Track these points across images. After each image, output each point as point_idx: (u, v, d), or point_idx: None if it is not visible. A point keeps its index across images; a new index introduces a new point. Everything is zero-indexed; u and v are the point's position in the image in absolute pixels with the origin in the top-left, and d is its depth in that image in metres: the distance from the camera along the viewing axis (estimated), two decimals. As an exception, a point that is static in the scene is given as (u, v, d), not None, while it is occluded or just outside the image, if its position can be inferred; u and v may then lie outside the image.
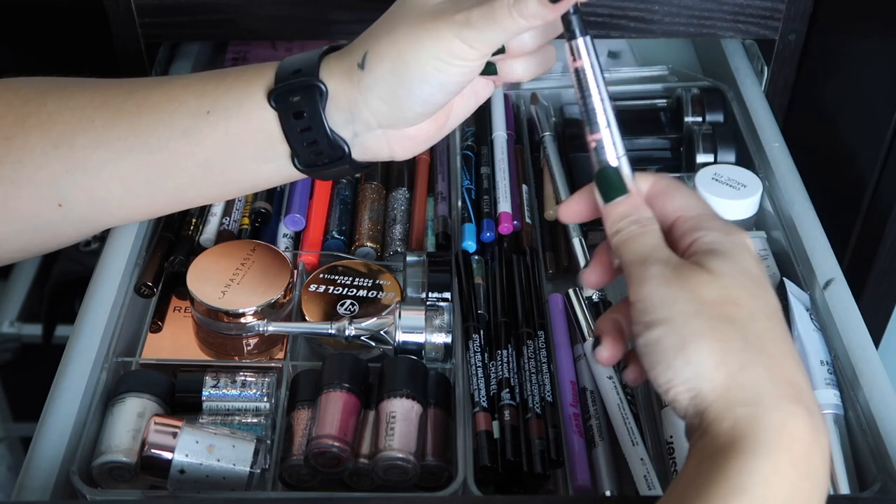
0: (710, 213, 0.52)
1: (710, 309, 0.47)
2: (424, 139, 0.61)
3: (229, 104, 0.59)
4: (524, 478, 0.64)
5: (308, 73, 0.58)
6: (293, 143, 0.59)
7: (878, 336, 0.89)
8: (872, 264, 0.84)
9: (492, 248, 0.79)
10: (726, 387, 0.46)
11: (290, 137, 0.59)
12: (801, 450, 0.44)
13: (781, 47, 0.91)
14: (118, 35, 0.90)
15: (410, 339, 0.69)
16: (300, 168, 0.60)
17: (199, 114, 0.59)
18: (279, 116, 0.58)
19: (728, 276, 0.48)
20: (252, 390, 0.67)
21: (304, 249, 0.79)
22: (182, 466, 0.61)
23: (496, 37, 0.55)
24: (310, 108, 0.58)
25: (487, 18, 0.54)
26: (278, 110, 0.58)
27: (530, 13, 0.53)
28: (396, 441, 0.62)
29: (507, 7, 0.53)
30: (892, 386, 0.64)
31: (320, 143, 0.59)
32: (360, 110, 0.58)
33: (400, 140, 0.60)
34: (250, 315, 0.70)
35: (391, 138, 0.60)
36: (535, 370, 0.69)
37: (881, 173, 0.81)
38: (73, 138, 0.60)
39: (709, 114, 0.89)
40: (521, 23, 0.53)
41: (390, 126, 0.59)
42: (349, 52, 0.59)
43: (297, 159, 0.60)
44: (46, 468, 0.60)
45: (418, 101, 0.57)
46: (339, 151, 0.59)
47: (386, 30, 0.57)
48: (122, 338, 0.70)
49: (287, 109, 0.58)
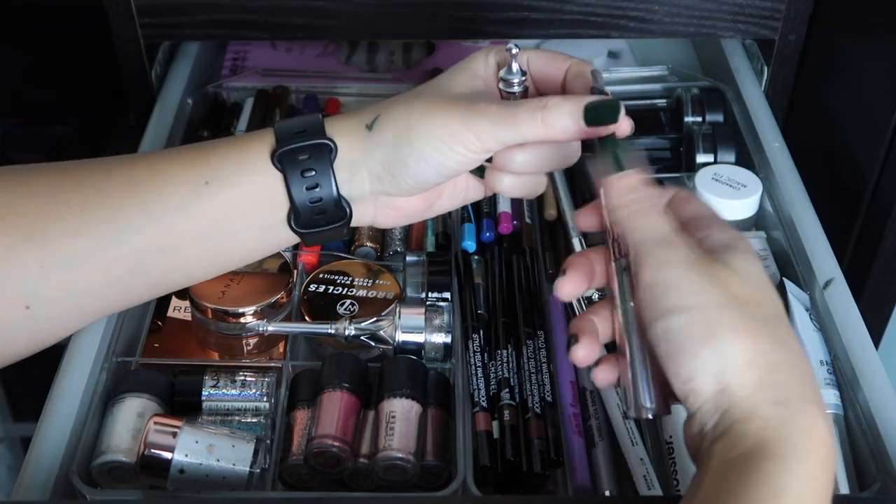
0: (717, 217, 0.52)
1: (740, 305, 0.46)
2: (410, 213, 0.61)
3: (229, 171, 0.56)
4: (524, 478, 0.64)
5: (314, 133, 0.57)
6: (297, 203, 0.57)
7: (878, 336, 0.89)
8: (872, 264, 0.84)
9: (492, 248, 0.79)
10: (758, 386, 0.45)
11: (294, 197, 0.56)
12: (825, 452, 0.44)
13: (781, 47, 0.91)
14: (118, 35, 0.90)
15: (410, 339, 0.69)
16: (297, 230, 0.58)
17: (197, 186, 0.56)
18: (285, 177, 0.56)
19: (751, 275, 0.48)
20: (252, 390, 0.67)
21: (303, 249, 0.79)
22: (182, 466, 0.61)
23: (507, 135, 0.54)
24: (318, 166, 0.56)
25: (506, 115, 0.54)
26: (284, 170, 0.56)
27: (556, 125, 0.53)
28: (396, 441, 0.62)
29: (532, 109, 0.53)
30: (892, 386, 0.64)
31: (325, 201, 0.57)
32: (360, 170, 0.57)
33: (387, 209, 0.59)
34: (250, 315, 0.70)
35: (379, 205, 0.59)
36: (534, 370, 0.69)
37: (881, 173, 0.81)
38: (46, 228, 0.54)
39: (709, 114, 0.89)
40: (539, 130, 0.53)
41: (382, 192, 0.58)
42: (358, 113, 0.58)
43: (295, 220, 0.57)
44: (46, 468, 0.60)
45: (411, 175, 0.56)
46: (341, 213, 0.58)
47: (404, 100, 0.57)
48: (121, 338, 0.70)
49: (294, 168, 0.56)
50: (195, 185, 0.56)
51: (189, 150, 0.58)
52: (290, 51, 1.03)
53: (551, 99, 0.54)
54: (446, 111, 0.55)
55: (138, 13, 0.88)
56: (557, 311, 0.74)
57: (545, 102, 0.54)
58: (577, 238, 0.79)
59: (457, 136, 0.54)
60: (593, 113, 0.53)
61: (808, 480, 0.43)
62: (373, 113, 0.57)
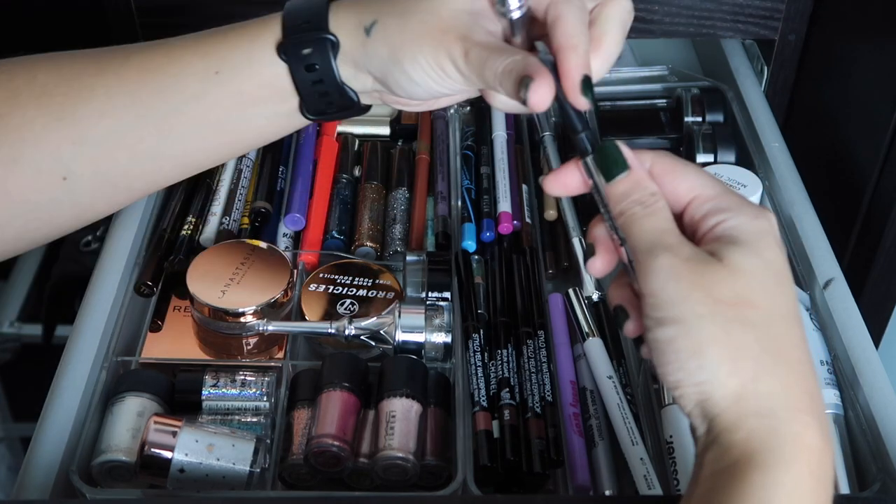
0: (727, 191, 0.49)
1: (725, 310, 0.45)
2: (416, 106, 0.60)
3: (238, 62, 0.58)
4: (524, 477, 0.64)
5: (318, 25, 0.57)
6: (304, 95, 0.58)
7: (878, 336, 0.89)
8: (872, 264, 0.84)
9: (492, 248, 0.79)
10: (739, 396, 0.44)
11: (301, 89, 0.58)
12: (817, 460, 0.44)
13: (781, 47, 0.91)
14: (118, 35, 0.90)
15: (410, 339, 0.69)
16: (310, 117, 0.59)
17: (208, 75, 0.58)
18: (290, 69, 0.57)
19: (746, 273, 0.46)
20: (252, 390, 0.67)
21: (304, 249, 0.79)
22: (182, 465, 0.61)
23: (483, 84, 0.54)
24: (322, 61, 0.57)
25: (479, 64, 0.53)
26: (289, 63, 0.57)
27: (507, 90, 0.52)
28: (396, 440, 0.62)
29: (496, 71, 0.52)
30: (892, 386, 0.64)
31: (332, 94, 0.58)
32: (361, 70, 0.57)
33: (393, 102, 0.60)
34: (250, 314, 0.70)
35: (385, 98, 0.59)
36: (534, 370, 0.69)
37: (881, 173, 0.81)
38: (75, 109, 0.58)
39: (709, 114, 0.89)
40: (498, 92, 0.53)
41: (385, 91, 0.58)
42: (360, 8, 0.57)
43: (306, 109, 0.59)
44: (46, 467, 0.60)
45: (404, 91, 0.56)
46: (348, 101, 0.59)
47: (401, 11, 0.56)
48: (121, 337, 0.70)
49: (299, 62, 0.57)
50: (206, 75, 0.58)
51: (205, 37, 0.60)
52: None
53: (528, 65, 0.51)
54: (437, 42, 0.54)
55: (138, 13, 0.88)
56: (557, 311, 0.74)
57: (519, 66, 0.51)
58: (577, 238, 0.79)
59: (444, 70, 0.54)
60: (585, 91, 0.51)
61: (795, 490, 0.43)
62: (372, 13, 0.57)
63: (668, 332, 0.45)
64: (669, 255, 0.46)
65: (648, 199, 0.49)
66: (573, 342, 0.72)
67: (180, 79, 0.58)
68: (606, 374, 0.68)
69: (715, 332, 0.45)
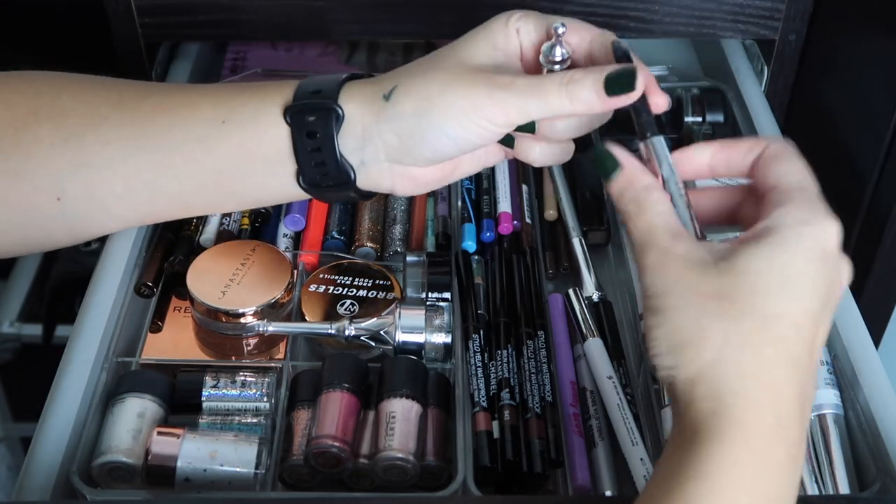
0: (804, 188, 0.51)
1: (701, 303, 0.47)
2: (427, 182, 0.61)
3: (245, 116, 0.59)
4: (524, 478, 0.64)
5: (327, 96, 0.58)
6: (301, 162, 0.59)
7: (878, 336, 0.89)
8: (872, 264, 0.84)
9: (492, 248, 0.79)
10: (694, 382, 0.47)
11: (299, 155, 0.59)
12: (762, 444, 0.46)
13: (781, 47, 0.91)
14: (118, 35, 0.90)
15: (410, 339, 0.69)
16: (304, 187, 0.61)
17: (215, 122, 0.59)
18: (292, 133, 0.59)
19: (738, 272, 0.47)
20: (252, 390, 0.67)
21: (304, 249, 0.79)
22: (187, 475, 0.61)
23: (534, 109, 0.55)
24: (323, 130, 0.58)
25: (533, 88, 0.54)
26: (292, 127, 0.59)
27: (581, 98, 0.53)
28: (396, 441, 0.62)
29: (558, 84, 0.53)
30: (892, 386, 0.64)
31: (328, 165, 0.59)
32: (373, 139, 0.58)
33: (403, 178, 0.60)
34: (250, 315, 0.70)
35: (395, 173, 0.60)
36: (534, 370, 0.69)
37: (881, 173, 0.81)
38: (84, 134, 0.60)
39: (709, 114, 0.89)
40: (565, 104, 0.54)
41: (397, 162, 0.59)
42: (377, 82, 0.59)
43: (302, 178, 0.60)
44: (46, 468, 0.60)
45: (429, 148, 0.57)
46: (344, 176, 0.60)
47: (422, 70, 0.57)
48: (122, 338, 0.70)
49: (301, 127, 0.58)
50: (213, 122, 0.59)
51: (223, 88, 0.62)
52: (290, 51, 1.03)
53: (575, 72, 0.54)
54: (470, 84, 0.55)
55: (138, 13, 0.88)
56: (557, 312, 0.74)
57: (570, 76, 0.54)
58: (577, 238, 0.79)
59: (481, 110, 0.55)
60: (612, 83, 0.53)
61: (732, 467, 0.45)
62: (391, 82, 0.58)
63: (652, 320, 0.49)
64: (655, 252, 0.50)
65: (641, 196, 0.51)
66: (573, 342, 0.72)
67: (189, 121, 0.60)
68: (606, 374, 0.68)
69: (687, 322, 0.48)
